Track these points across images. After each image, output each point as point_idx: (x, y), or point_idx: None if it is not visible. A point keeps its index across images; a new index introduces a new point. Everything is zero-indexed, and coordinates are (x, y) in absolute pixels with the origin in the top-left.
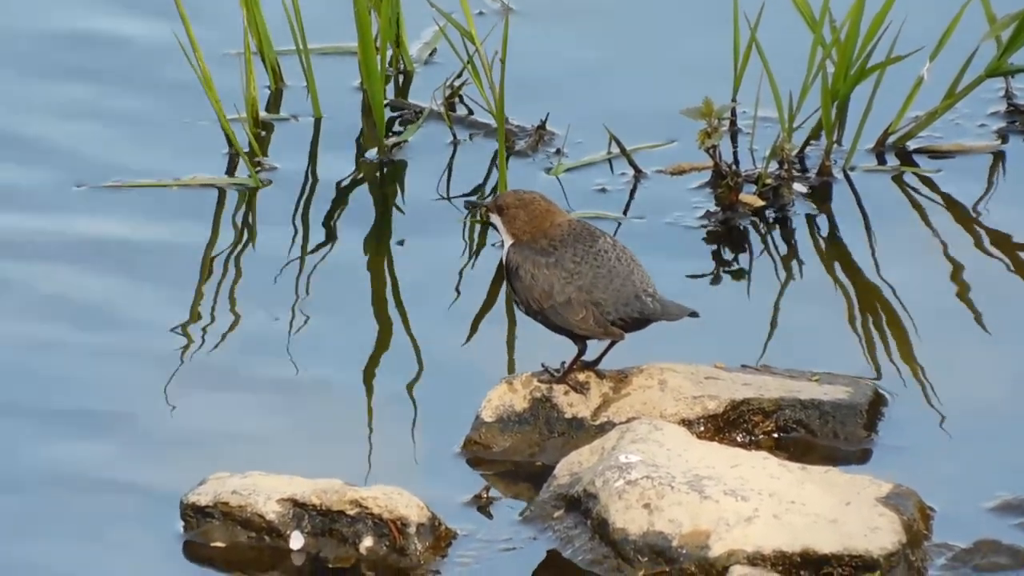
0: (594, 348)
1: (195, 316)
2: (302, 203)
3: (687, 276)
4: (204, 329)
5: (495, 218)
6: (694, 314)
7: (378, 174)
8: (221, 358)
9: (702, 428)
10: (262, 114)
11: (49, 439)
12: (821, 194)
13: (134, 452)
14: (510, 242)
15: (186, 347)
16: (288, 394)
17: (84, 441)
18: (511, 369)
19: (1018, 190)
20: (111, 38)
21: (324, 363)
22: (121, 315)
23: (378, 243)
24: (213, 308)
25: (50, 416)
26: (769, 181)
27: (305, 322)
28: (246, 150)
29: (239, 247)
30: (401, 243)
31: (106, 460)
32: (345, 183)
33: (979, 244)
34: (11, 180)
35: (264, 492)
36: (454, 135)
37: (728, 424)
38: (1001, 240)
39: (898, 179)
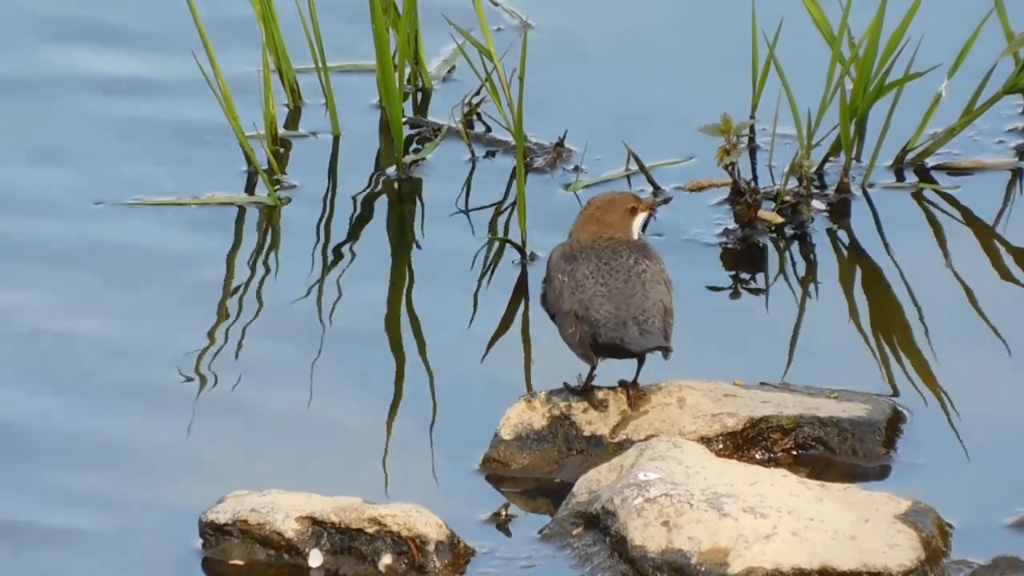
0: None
1: (214, 334)
2: (321, 221)
3: (706, 290)
4: (223, 347)
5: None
6: (663, 349)
7: (396, 191)
8: (240, 376)
9: (721, 446)
10: (281, 131)
11: (68, 457)
12: (840, 211)
13: (153, 469)
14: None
15: (205, 364)
16: (306, 412)
17: (103, 458)
18: (529, 387)
19: None
20: (130, 55)
21: (342, 380)
22: (140, 333)
23: (396, 260)
24: (231, 326)
25: (70, 434)
26: (788, 198)
27: (323, 340)
28: (265, 168)
29: (258, 265)
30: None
31: (125, 477)
32: (363, 200)
33: (998, 261)
34: (30, 195)
35: (283, 510)
36: (472, 152)
37: (747, 442)
38: (1020, 257)
39: (917, 196)
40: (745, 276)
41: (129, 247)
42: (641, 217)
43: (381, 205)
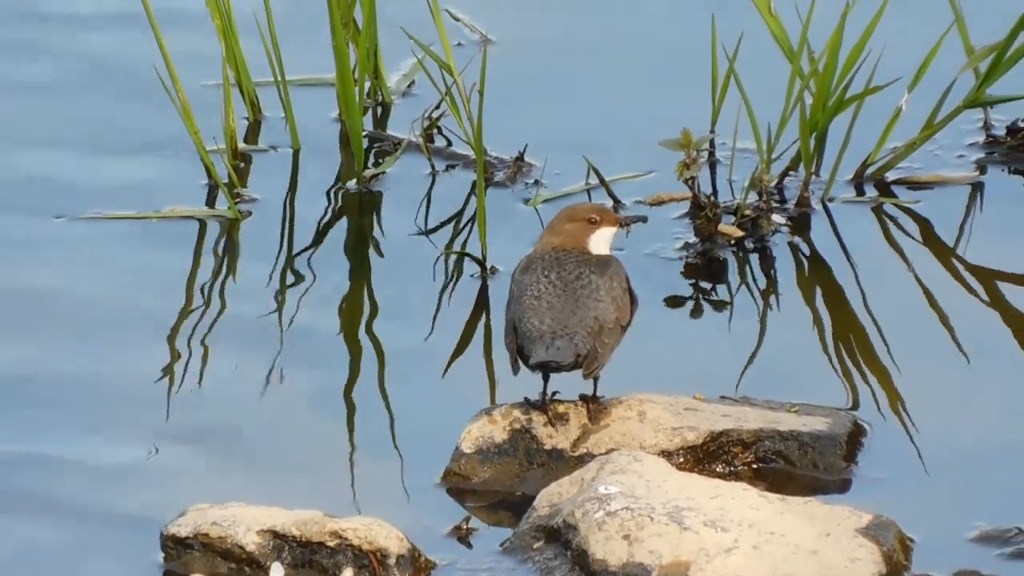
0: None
1: (175, 347)
2: (281, 234)
3: (666, 305)
4: (185, 360)
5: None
6: (570, 367)
7: (357, 205)
8: (201, 389)
9: (681, 459)
10: (241, 145)
11: (27, 469)
12: (800, 225)
13: (114, 483)
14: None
15: (167, 377)
16: (268, 425)
17: (63, 471)
18: (491, 400)
19: (997, 221)
20: (91, 69)
21: (303, 393)
22: (98, 346)
23: (357, 274)
24: (191, 339)
25: (28, 446)
26: (748, 212)
27: (285, 352)
28: (225, 181)
29: (219, 279)
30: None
31: (85, 490)
32: (324, 214)
33: (958, 275)
34: None
35: (244, 523)
36: (432, 166)
37: (708, 455)
38: (980, 271)
39: (877, 210)
40: (706, 290)
41: (89, 261)
42: (604, 231)
43: (341, 219)
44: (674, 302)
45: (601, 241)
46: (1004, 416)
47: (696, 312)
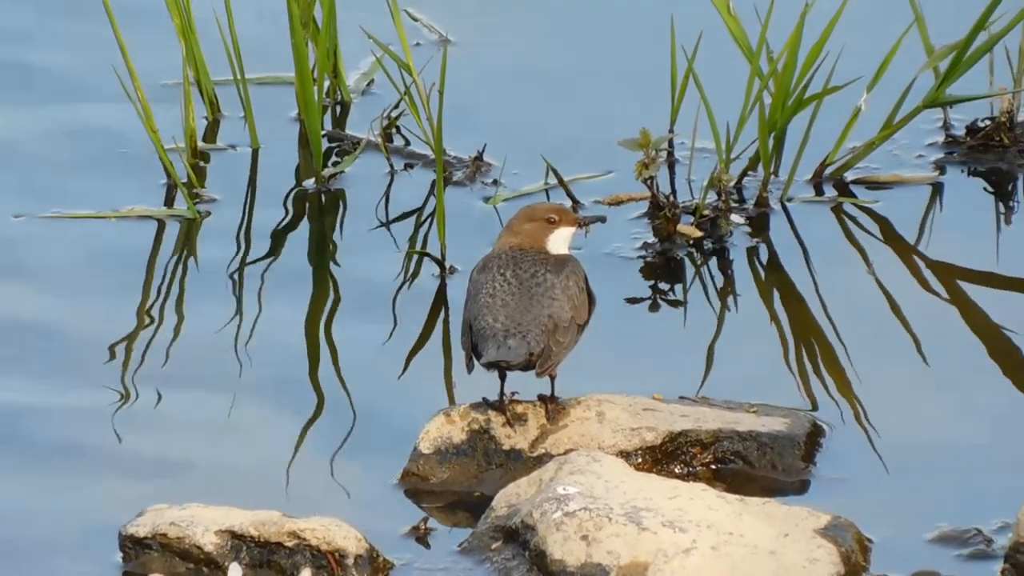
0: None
1: (133, 347)
2: (240, 234)
3: (625, 304)
4: (142, 360)
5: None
6: (522, 367)
7: (316, 204)
8: (159, 390)
9: (640, 460)
10: (200, 144)
11: None
12: (759, 225)
13: (72, 483)
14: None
15: (125, 378)
16: (226, 426)
17: (20, 471)
18: (449, 401)
19: (956, 221)
20: (48, 68)
21: (261, 394)
22: (58, 347)
23: (315, 273)
24: (151, 339)
25: None
26: (707, 212)
27: (243, 352)
28: (184, 181)
29: (177, 279)
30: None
31: (43, 491)
32: (283, 214)
33: (917, 275)
34: None
35: (202, 524)
36: (391, 165)
37: (666, 456)
38: (939, 271)
39: (836, 210)
40: (664, 290)
41: (48, 261)
42: (563, 231)
43: (300, 218)
44: (633, 302)
45: (560, 241)
46: (963, 417)
47: (655, 312)
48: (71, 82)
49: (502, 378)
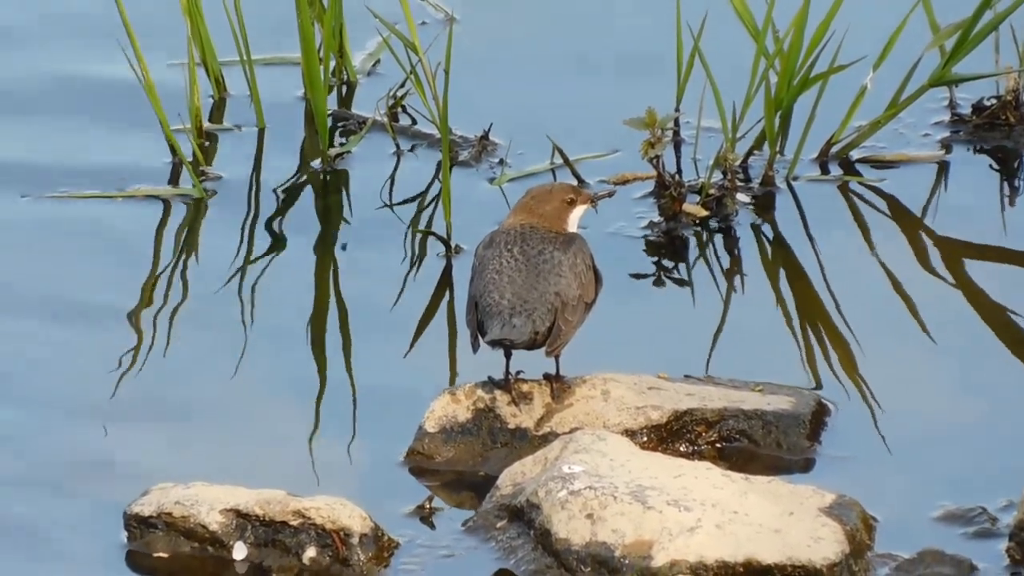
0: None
1: (139, 326)
2: (246, 213)
3: (631, 283)
4: (149, 339)
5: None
6: (527, 345)
7: (321, 184)
8: (165, 368)
9: (645, 438)
10: (206, 124)
11: None
12: (764, 204)
13: (77, 462)
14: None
15: (130, 356)
16: (231, 404)
17: (26, 450)
18: (454, 380)
19: (961, 200)
20: (53, 45)
21: (267, 373)
22: (64, 325)
23: (321, 253)
24: (156, 318)
25: None
26: (712, 191)
27: (249, 331)
28: (190, 160)
29: (183, 258)
30: (344, 247)
31: (48, 469)
32: (288, 193)
33: (922, 254)
34: None
35: (207, 503)
36: (397, 145)
37: (671, 434)
38: (945, 249)
39: (842, 189)
40: (669, 268)
41: (54, 240)
42: (580, 210)
43: (306, 198)
44: (638, 281)
45: (575, 220)
46: (968, 395)
47: (660, 291)
48: (76, 62)
49: (507, 356)
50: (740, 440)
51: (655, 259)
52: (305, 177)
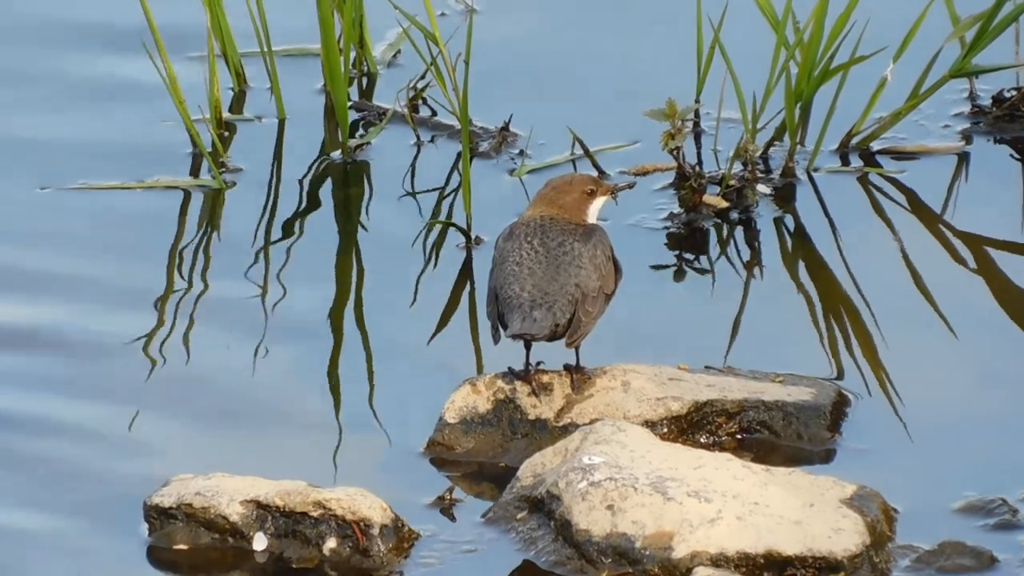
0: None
1: (161, 318)
2: (266, 205)
3: (651, 274)
4: (169, 330)
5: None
6: (547, 337)
7: (342, 175)
8: (186, 359)
9: (665, 430)
10: (226, 115)
11: (13, 441)
12: (785, 195)
13: (99, 453)
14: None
15: (151, 348)
16: (252, 395)
17: (46, 441)
18: (476, 370)
19: (982, 191)
20: (75, 40)
21: (288, 364)
22: (83, 317)
23: (342, 244)
24: (177, 309)
25: (12, 415)
26: (733, 183)
27: (269, 322)
28: (210, 151)
29: (203, 249)
30: (364, 228)
31: (70, 461)
32: (309, 184)
33: (943, 245)
34: None
35: (227, 494)
36: (418, 137)
37: (691, 426)
38: (965, 241)
39: (862, 180)
40: (690, 260)
41: (75, 231)
42: (600, 201)
43: (326, 189)
44: (658, 272)
45: (596, 211)
46: (989, 386)
47: (680, 282)
48: (97, 53)
49: (527, 348)
50: (760, 431)
51: (676, 251)
52: (325, 168)
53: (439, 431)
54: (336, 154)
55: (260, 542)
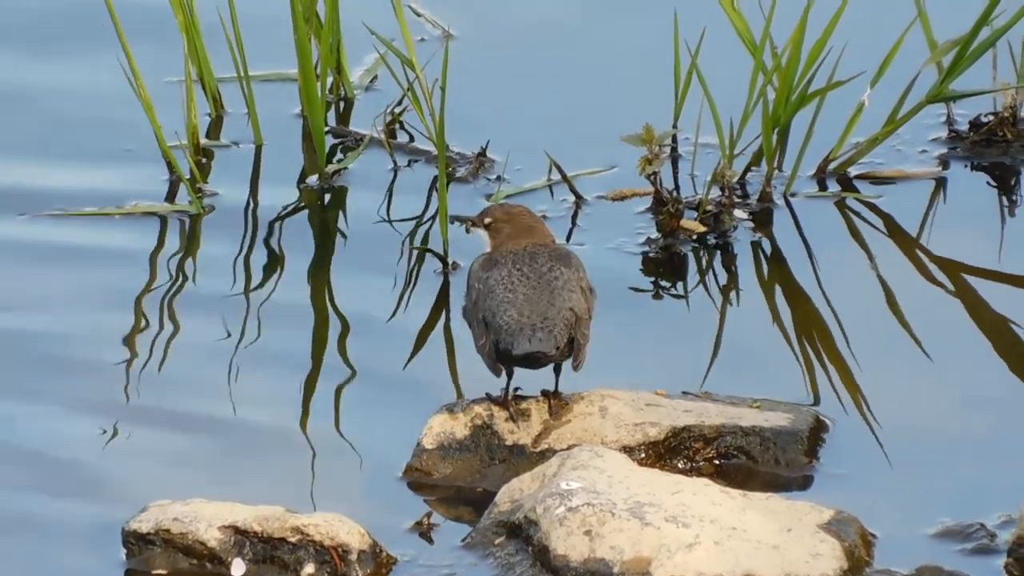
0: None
1: (135, 344)
2: (243, 230)
3: (628, 299)
4: (146, 356)
5: (482, 232)
6: (553, 359)
7: (319, 201)
8: (162, 385)
9: (643, 455)
10: (203, 141)
11: None
12: (762, 220)
13: (76, 478)
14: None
15: (127, 373)
16: (229, 421)
17: (24, 469)
18: (457, 394)
19: (959, 216)
20: (52, 65)
21: (264, 389)
22: (60, 342)
23: (319, 269)
24: (156, 336)
25: None
26: (710, 207)
27: (246, 348)
28: (187, 177)
29: (180, 274)
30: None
31: (47, 488)
32: (286, 210)
33: (920, 270)
34: None
35: (205, 519)
36: (395, 162)
37: (669, 451)
38: (942, 266)
39: (839, 205)
40: (667, 285)
41: (53, 257)
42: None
43: (303, 214)
44: (636, 297)
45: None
46: (966, 411)
47: (658, 307)
48: (74, 79)
49: (509, 375)
50: (738, 456)
51: (653, 275)
52: (302, 194)
53: (417, 456)
54: (313, 179)
55: (238, 568)
